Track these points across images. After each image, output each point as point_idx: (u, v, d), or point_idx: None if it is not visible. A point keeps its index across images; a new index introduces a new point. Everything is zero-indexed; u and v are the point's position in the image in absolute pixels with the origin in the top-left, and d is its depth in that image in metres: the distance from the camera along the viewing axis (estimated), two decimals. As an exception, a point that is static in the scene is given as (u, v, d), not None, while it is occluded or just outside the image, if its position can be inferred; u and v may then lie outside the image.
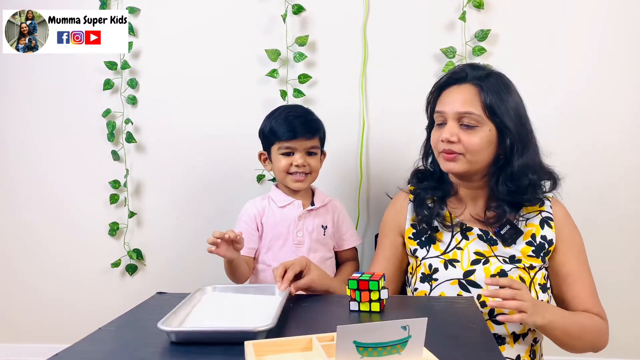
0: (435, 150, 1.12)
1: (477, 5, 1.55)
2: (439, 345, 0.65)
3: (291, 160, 1.27)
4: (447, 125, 1.07)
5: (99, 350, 0.73)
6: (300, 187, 1.30)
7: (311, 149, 1.29)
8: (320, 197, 1.37)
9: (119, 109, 1.70)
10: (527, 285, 1.06)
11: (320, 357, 0.63)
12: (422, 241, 1.15)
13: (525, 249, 1.10)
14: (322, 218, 1.34)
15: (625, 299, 1.57)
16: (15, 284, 1.79)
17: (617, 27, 1.55)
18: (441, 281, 1.09)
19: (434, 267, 1.11)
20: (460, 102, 1.07)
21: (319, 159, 1.33)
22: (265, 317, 0.78)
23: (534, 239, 1.11)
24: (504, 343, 1.06)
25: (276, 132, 1.27)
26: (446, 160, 1.08)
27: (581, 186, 1.54)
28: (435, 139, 1.11)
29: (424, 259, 1.13)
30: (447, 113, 1.08)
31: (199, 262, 1.69)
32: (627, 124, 1.56)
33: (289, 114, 1.28)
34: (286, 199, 1.33)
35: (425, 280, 1.11)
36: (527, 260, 1.09)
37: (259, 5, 1.63)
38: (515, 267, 1.08)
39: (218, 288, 0.98)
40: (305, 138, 1.27)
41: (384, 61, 1.61)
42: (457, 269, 1.09)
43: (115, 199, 1.71)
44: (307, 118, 1.30)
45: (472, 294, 1.05)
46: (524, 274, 1.07)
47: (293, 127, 1.26)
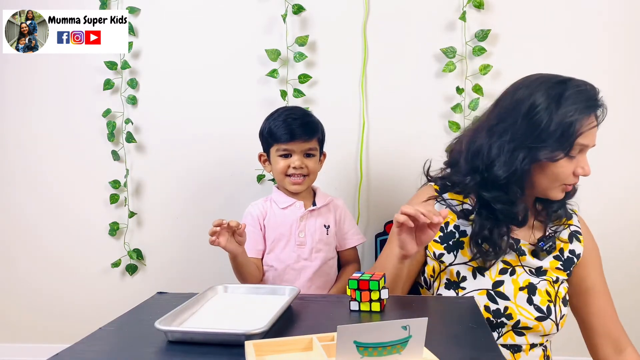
0: (559, 181, 1.00)
1: (477, 5, 1.55)
2: (439, 345, 0.65)
3: (289, 162, 1.27)
4: (584, 158, 1.00)
5: (99, 350, 0.73)
6: (297, 189, 1.30)
7: (309, 151, 1.29)
8: (322, 197, 1.36)
9: (119, 109, 1.70)
10: (552, 299, 1.04)
11: (320, 357, 0.63)
12: (450, 245, 1.07)
13: (553, 262, 1.07)
14: (324, 218, 1.34)
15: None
16: (15, 284, 1.79)
17: (618, 26, 1.55)
18: (469, 290, 1.04)
19: (462, 275, 1.05)
20: (595, 135, 1.00)
21: (317, 160, 1.32)
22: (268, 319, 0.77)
23: (561, 253, 1.09)
24: (520, 351, 1.04)
25: (274, 134, 1.27)
26: (563, 192, 1.04)
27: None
28: (568, 171, 0.99)
29: (451, 265, 1.06)
30: (589, 147, 0.99)
31: (199, 262, 1.69)
32: (627, 123, 1.56)
33: (287, 116, 1.28)
34: (287, 200, 1.32)
35: (451, 288, 1.05)
36: (554, 273, 1.07)
37: (259, 5, 1.63)
38: (543, 279, 1.05)
39: (229, 288, 0.97)
40: (302, 140, 1.26)
41: (384, 61, 1.61)
42: (485, 279, 1.04)
43: (115, 199, 1.71)
44: (305, 120, 1.29)
45: (499, 306, 1.02)
46: (549, 288, 1.05)
47: (291, 129, 1.25)
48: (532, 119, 0.97)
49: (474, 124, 1.14)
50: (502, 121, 1.01)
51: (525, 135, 0.97)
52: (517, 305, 1.02)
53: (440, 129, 1.60)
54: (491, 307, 1.02)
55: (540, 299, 1.03)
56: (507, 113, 1.01)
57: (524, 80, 1.05)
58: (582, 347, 1.17)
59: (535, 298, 1.02)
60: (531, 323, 1.01)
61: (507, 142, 0.99)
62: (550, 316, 1.02)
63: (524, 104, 0.98)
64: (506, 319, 1.01)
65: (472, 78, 1.57)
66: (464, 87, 1.57)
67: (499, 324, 1.01)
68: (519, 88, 1.03)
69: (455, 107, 1.57)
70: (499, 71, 1.57)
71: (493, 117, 1.05)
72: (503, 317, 1.01)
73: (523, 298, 1.02)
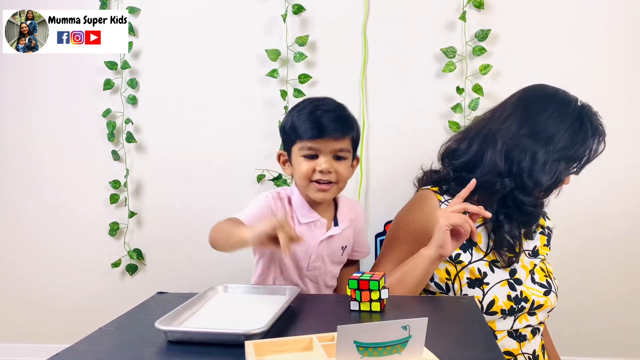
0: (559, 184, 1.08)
1: (477, 5, 1.55)
2: (439, 345, 0.65)
3: (314, 164, 1.04)
4: None
5: (99, 350, 0.73)
6: (324, 197, 1.06)
7: (340, 152, 1.05)
8: (344, 211, 1.14)
9: (119, 109, 1.70)
10: (547, 274, 1.12)
11: (320, 357, 0.63)
12: (464, 245, 1.07)
13: (542, 238, 1.15)
14: (343, 238, 1.13)
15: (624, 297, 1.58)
16: (15, 284, 1.79)
17: (618, 26, 1.55)
18: (493, 284, 1.05)
19: (482, 271, 1.06)
20: None
21: (349, 165, 1.09)
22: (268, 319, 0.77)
23: (543, 228, 1.17)
24: (525, 340, 1.08)
25: (298, 128, 1.04)
26: None
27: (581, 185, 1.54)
28: None
29: (470, 263, 1.07)
30: None
31: (199, 262, 1.69)
32: (627, 123, 1.56)
33: (316, 108, 1.04)
34: (309, 215, 1.09)
35: (475, 285, 1.05)
36: (543, 251, 1.15)
37: (259, 5, 1.63)
38: (540, 259, 1.13)
39: (229, 288, 0.97)
40: (333, 138, 1.02)
41: (384, 61, 1.61)
42: (501, 270, 1.07)
43: (116, 199, 1.71)
44: (338, 114, 1.05)
45: (517, 292, 1.06)
46: (542, 265, 1.13)
47: (319, 124, 1.02)
48: (574, 137, 1.03)
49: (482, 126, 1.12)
50: (543, 130, 1.03)
51: (567, 149, 1.03)
52: (528, 287, 1.08)
53: (440, 129, 1.60)
54: (512, 294, 1.05)
55: (539, 276, 1.10)
56: (539, 125, 1.04)
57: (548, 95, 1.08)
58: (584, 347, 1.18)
59: (535, 277, 1.10)
60: (542, 300, 1.07)
61: (551, 152, 1.02)
62: (552, 289, 1.10)
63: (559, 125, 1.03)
64: (524, 303, 1.06)
65: (472, 78, 1.57)
66: (464, 87, 1.56)
67: (520, 309, 1.05)
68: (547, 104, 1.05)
69: (455, 107, 1.57)
70: (499, 71, 1.57)
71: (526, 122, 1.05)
72: (522, 302, 1.05)
73: (529, 279, 1.09)
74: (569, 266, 1.54)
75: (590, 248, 1.26)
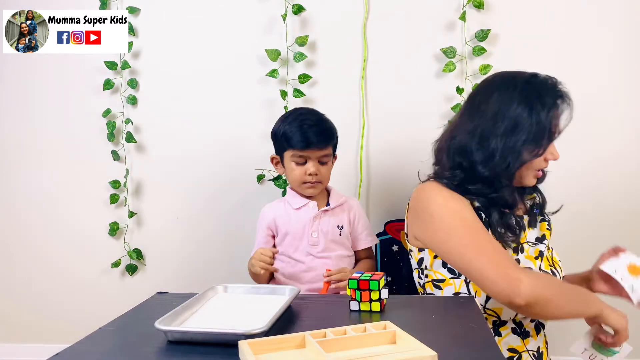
0: (532, 169, 1.06)
1: (477, 5, 1.55)
2: (439, 345, 0.65)
3: (305, 169, 1.30)
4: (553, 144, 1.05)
5: (99, 350, 0.73)
6: (313, 193, 1.33)
7: (323, 158, 1.31)
8: (336, 197, 1.38)
9: (119, 109, 1.70)
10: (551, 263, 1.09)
11: (316, 353, 0.63)
12: None
13: (542, 225, 1.14)
14: (337, 218, 1.35)
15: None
16: (15, 284, 1.79)
17: (618, 27, 1.55)
18: None
19: None
20: None
21: (330, 167, 1.35)
22: (268, 319, 0.77)
23: (543, 214, 1.17)
24: (528, 337, 1.07)
25: (290, 139, 1.28)
26: (535, 178, 1.08)
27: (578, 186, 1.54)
28: (541, 159, 1.05)
29: None
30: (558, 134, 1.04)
31: (199, 262, 1.70)
32: (627, 122, 1.56)
33: (303, 122, 1.28)
34: (301, 201, 1.34)
35: None
36: (547, 239, 1.12)
37: (259, 5, 1.63)
38: (545, 245, 1.10)
39: (229, 288, 0.97)
40: (318, 148, 1.28)
41: (384, 61, 1.61)
42: None
43: (115, 199, 1.71)
44: (321, 127, 1.30)
45: None
46: (548, 254, 1.10)
47: (307, 137, 1.27)
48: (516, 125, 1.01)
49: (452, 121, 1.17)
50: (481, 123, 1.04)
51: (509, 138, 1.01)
52: None
53: (441, 129, 1.59)
54: None
55: (544, 265, 1.08)
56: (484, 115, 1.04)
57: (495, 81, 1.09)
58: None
59: (541, 265, 1.08)
60: None
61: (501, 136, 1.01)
62: (556, 277, 1.08)
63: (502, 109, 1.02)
64: None
65: (472, 78, 1.57)
66: (464, 87, 1.56)
67: None
68: (492, 91, 1.06)
69: (455, 107, 1.57)
70: (499, 71, 1.56)
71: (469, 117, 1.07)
72: None
73: (536, 269, 1.07)
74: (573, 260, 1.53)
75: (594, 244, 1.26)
